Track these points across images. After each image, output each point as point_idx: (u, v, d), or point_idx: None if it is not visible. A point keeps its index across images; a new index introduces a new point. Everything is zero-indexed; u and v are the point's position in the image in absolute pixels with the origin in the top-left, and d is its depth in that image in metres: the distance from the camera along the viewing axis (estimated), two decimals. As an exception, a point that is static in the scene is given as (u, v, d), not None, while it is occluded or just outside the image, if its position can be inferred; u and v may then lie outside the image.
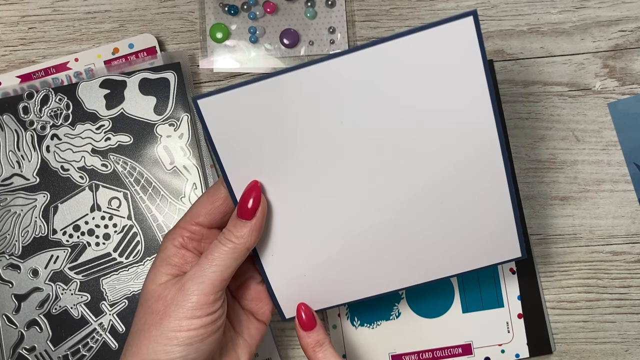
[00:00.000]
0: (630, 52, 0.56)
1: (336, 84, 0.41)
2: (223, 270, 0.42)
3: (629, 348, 0.56)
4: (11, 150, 0.55)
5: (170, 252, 0.44)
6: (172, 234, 0.45)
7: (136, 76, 0.55)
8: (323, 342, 0.46)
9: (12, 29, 0.58)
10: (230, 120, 0.42)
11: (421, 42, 0.40)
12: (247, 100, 0.42)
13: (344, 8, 0.57)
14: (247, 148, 0.43)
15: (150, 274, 0.44)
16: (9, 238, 0.54)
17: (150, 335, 0.41)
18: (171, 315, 0.41)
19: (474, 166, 0.44)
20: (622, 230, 0.56)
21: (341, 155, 0.43)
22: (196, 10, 0.58)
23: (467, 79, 0.41)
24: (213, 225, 0.45)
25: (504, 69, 0.57)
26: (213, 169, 0.56)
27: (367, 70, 0.41)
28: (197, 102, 0.42)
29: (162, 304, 0.42)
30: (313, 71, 0.41)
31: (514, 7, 0.57)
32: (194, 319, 0.41)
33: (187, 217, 0.45)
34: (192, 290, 0.41)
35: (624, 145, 0.56)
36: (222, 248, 0.42)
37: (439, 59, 0.40)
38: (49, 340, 0.54)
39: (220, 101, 0.42)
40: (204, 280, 0.41)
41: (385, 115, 0.42)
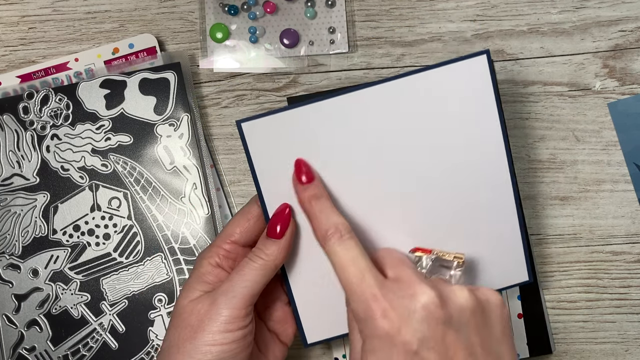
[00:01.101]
0: (630, 52, 0.56)
1: (365, 113, 0.45)
2: (253, 285, 0.43)
3: (629, 348, 0.56)
4: (11, 150, 0.55)
5: (205, 270, 0.45)
6: (208, 252, 0.46)
7: (136, 76, 0.55)
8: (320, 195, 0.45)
9: (12, 29, 0.58)
10: (269, 143, 0.45)
11: (440, 77, 0.45)
12: (286, 125, 0.45)
13: (344, 8, 0.57)
14: (283, 170, 0.45)
15: (183, 290, 0.45)
16: (9, 238, 0.54)
17: (184, 350, 0.42)
18: (205, 329, 0.42)
19: (486, 197, 0.47)
20: (622, 230, 0.56)
21: (368, 182, 0.46)
22: (196, 10, 0.58)
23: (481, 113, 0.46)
24: (247, 243, 0.47)
25: (504, 69, 0.57)
26: (213, 168, 0.56)
27: (392, 101, 0.45)
28: (240, 125, 0.45)
29: (195, 318, 0.43)
30: (344, 100, 0.45)
31: (514, 7, 0.57)
32: (227, 333, 0.42)
33: (222, 236, 0.46)
34: (224, 304, 0.42)
35: (624, 145, 0.56)
36: (252, 264, 0.44)
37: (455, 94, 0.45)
38: (49, 340, 0.54)
39: (262, 125, 0.45)
40: (236, 294, 0.43)
41: (407, 145, 0.46)
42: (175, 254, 0.54)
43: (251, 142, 0.45)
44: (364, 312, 0.40)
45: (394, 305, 0.39)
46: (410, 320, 0.39)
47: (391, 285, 0.41)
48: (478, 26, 0.57)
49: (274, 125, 0.45)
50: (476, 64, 0.45)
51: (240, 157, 0.57)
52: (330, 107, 0.45)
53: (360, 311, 0.40)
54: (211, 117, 0.57)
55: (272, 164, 0.45)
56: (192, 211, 0.54)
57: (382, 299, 0.40)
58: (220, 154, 0.57)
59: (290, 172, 0.45)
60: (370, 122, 0.45)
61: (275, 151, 0.45)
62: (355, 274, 0.41)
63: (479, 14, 0.57)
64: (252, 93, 0.57)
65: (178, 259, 0.54)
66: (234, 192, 0.57)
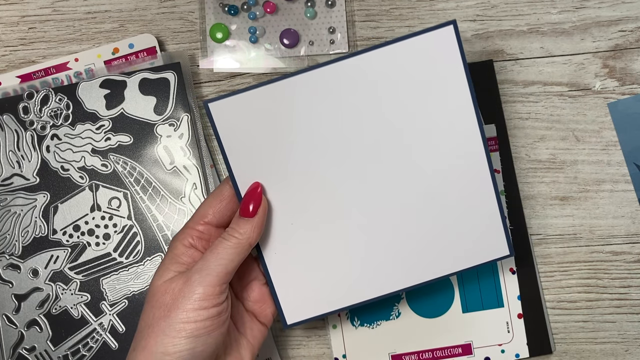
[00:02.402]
0: (630, 52, 0.56)
1: (335, 89, 0.45)
2: (227, 263, 0.43)
3: (629, 348, 0.56)
4: (11, 150, 0.55)
5: (179, 251, 0.45)
6: (181, 234, 0.46)
7: (136, 76, 0.55)
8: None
9: (12, 29, 0.58)
10: (238, 122, 0.45)
11: (409, 49, 0.44)
12: (253, 104, 0.45)
13: (344, 8, 0.57)
14: (253, 149, 0.45)
15: (158, 271, 0.45)
16: (9, 238, 0.54)
17: (158, 328, 0.42)
18: (179, 307, 0.42)
19: (460, 166, 0.47)
20: (622, 230, 0.56)
21: (340, 158, 0.46)
22: (196, 10, 0.58)
23: (451, 82, 0.45)
24: (220, 224, 0.47)
25: (504, 69, 0.57)
26: (213, 168, 0.56)
27: (362, 75, 0.45)
28: (207, 105, 0.45)
29: (169, 296, 0.43)
30: (312, 76, 0.44)
31: (514, 7, 0.57)
32: (201, 310, 0.42)
33: (195, 217, 0.47)
34: (198, 281, 0.43)
35: (624, 145, 0.56)
36: (226, 243, 0.44)
37: (425, 65, 0.45)
38: (49, 340, 0.54)
39: (230, 104, 0.45)
40: (210, 272, 0.43)
41: (379, 119, 0.45)
42: (175, 254, 0.54)
43: (219, 122, 0.45)
44: None
45: None
46: None
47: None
48: (478, 26, 0.57)
49: (242, 104, 0.45)
50: (444, 35, 0.44)
51: (240, 157, 0.57)
52: (301, 83, 0.44)
53: None
54: (211, 117, 0.57)
55: (242, 143, 0.45)
56: (192, 211, 0.54)
57: None
58: (220, 154, 0.57)
59: (261, 151, 0.45)
60: (340, 98, 0.45)
61: (244, 130, 0.45)
62: None
63: (479, 14, 0.57)
64: (252, 93, 0.57)
65: (178, 259, 0.54)
66: (234, 192, 0.57)
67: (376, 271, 0.48)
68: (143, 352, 0.42)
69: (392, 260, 0.48)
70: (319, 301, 0.48)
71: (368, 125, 0.45)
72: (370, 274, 0.48)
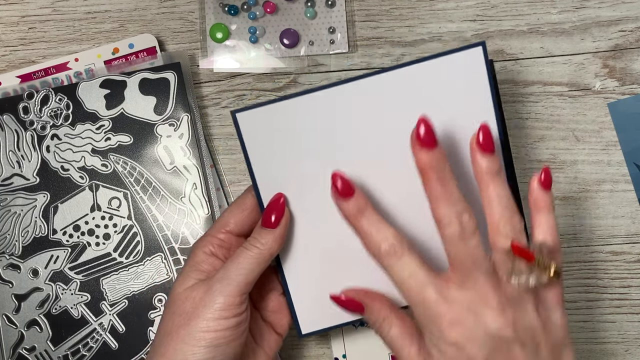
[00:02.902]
0: (630, 52, 0.56)
1: (361, 104, 0.45)
2: (248, 273, 0.43)
3: (629, 348, 0.56)
4: (11, 150, 0.55)
5: (200, 259, 0.45)
6: (202, 242, 0.46)
7: (136, 76, 0.55)
8: (364, 208, 0.43)
9: (12, 29, 0.58)
10: (263, 133, 0.45)
11: (436, 68, 0.45)
12: (279, 116, 0.45)
13: (344, 8, 0.57)
14: (277, 161, 0.46)
15: (179, 279, 0.45)
16: (9, 238, 0.54)
17: (178, 336, 0.42)
18: (199, 316, 0.42)
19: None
20: (622, 230, 0.56)
21: (362, 175, 0.46)
22: (196, 10, 0.58)
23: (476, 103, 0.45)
24: (242, 233, 0.47)
25: (504, 69, 0.57)
26: (213, 168, 0.56)
27: (388, 92, 0.45)
28: (235, 115, 0.45)
29: (189, 305, 0.43)
30: (339, 91, 0.45)
31: (514, 7, 0.57)
32: (221, 320, 0.42)
33: (216, 226, 0.47)
34: (219, 291, 0.43)
35: (624, 145, 0.56)
36: (248, 253, 0.44)
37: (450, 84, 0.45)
38: (49, 340, 0.54)
39: (256, 115, 0.45)
40: (231, 282, 0.43)
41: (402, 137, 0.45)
42: (176, 254, 0.54)
43: (246, 133, 0.45)
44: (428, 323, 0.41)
45: (461, 318, 0.40)
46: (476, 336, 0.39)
47: (456, 295, 0.40)
48: (478, 26, 0.57)
49: (268, 116, 0.45)
50: (472, 56, 0.45)
51: (240, 157, 0.57)
52: (327, 98, 0.45)
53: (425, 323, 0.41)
54: (211, 117, 0.57)
55: (267, 154, 0.45)
56: (192, 211, 0.54)
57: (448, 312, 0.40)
58: (220, 154, 0.57)
59: (285, 163, 0.45)
60: (364, 114, 0.45)
61: (270, 142, 0.45)
62: (416, 289, 0.41)
63: (479, 14, 0.57)
64: (252, 93, 0.57)
65: (178, 259, 0.54)
66: (234, 192, 0.57)
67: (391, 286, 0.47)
68: (162, 359, 0.42)
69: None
70: (334, 312, 0.48)
71: (390, 144, 0.45)
72: (385, 287, 0.47)
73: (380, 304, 0.45)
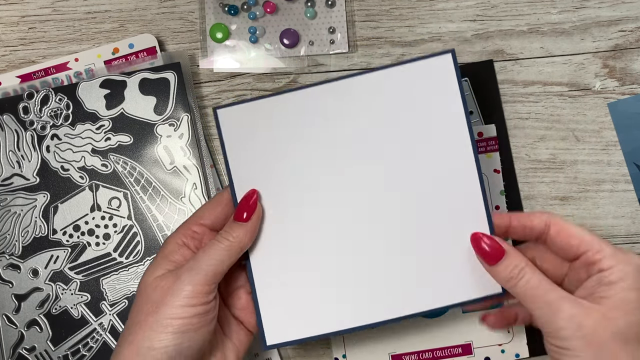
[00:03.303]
0: (630, 52, 0.56)
1: (336, 105, 0.46)
2: (217, 264, 0.44)
3: (629, 348, 0.56)
4: (11, 150, 0.55)
5: (172, 249, 0.46)
6: (176, 233, 0.47)
7: (136, 76, 0.55)
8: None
9: (12, 29, 0.58)
10: (243, 130, 0.47)
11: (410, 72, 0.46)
12: (259, 113, 0.46)
13: (344, 8, 0.57)
14: (254, 158, 0.47)
15: (149, 268, 0.45)
16: (9, 238, 0.54)
17: (146, 323, 0.43)
18: (167, 304, 0.43)
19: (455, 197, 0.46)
20: (622, 230, 0.56)
21: (335, 176, 0.46)
22: (196, 10, 0.58)
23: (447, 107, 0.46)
24: (215, 227, 0.47)
25: (504, 69, 0.57)
26: (213, 168, 0.56)
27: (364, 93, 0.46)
28: (216, 111, 0.47)
29: (158, 293, 0.43)
30: (316, 91, 0.46)
31: (514, 7, 0.57)
32: (189, 307, 0.43)
33: (191, 218, 0.47)
34: (188, 280, 0.43)
35: (624, 145, 0.56)
36: (219, 245, 0.44)
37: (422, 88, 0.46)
38: (49, 340, 0.54)
39: (237, 112, 0.47)
40: (199, 271, 0.43)
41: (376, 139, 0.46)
42: (175, 254, 0.54)
43: (225, 128, 0.46)
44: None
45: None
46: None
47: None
48: (478, 26, 0.57)
49: (247, 113, 0.46)
50: (441, 62, 0.46)
51: (240, 157, 0.57)
52: (305, 97, 0.46)
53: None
54: (211, 117, 0.57)
55: (244, 150, 0.46)
56: (192, 211, 0.54)
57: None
58: (220, 154, 0.57)
59: (261, 160, 0.46)
60: (342, 114, 0.46)
61: (247, 138, 0.46)
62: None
63: (479, 14, 0.57)
64: (252, 93, 0.57)
65: (178, 259, 0.54)
66: (234, 192, 0.57)
67: (366, 298, 0.46)
68: (130, 346, 0.42)
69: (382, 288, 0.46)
70: (302, 325, 0.46)
71: (364, 146, 0.46)
72: (359, 300, 0.46)
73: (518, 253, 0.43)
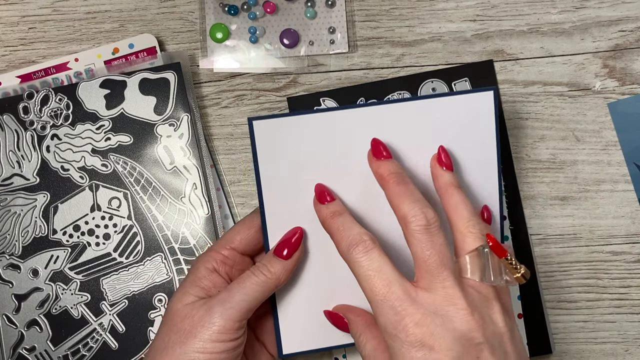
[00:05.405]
0: (630, 52, 0.56)
1: (372, 130, 0.45)
2: (251, 300, 0.43)
3: (629, 348, 0.56)
4: (11, 150, 0.55)
5: (201, 274, 0.45)
6: (206, 257, 0.46)
7: (136, 76, 0.55)
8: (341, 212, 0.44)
9: (12, 29, 0.58)
10: (277, 148, 0.44)
11: (449, 104, 0.46)
12: (294, 131, 0.44)
13: (344, 8, 0.57)
14: (286, 177, 0.45)
15: (178, 293, 0.44)
16: (9, 238, 0.54)
17: (173, 353, 0.42)
18: (196, 336, 0.42)
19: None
20: (622, 230, 0.56)
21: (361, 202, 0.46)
22: (196, 10, 0.58)
23: (481, 141, 0.47)
24: (246, 251, 0.46)
25: (504, 69, 0.57)
26: (213, 168, 0.56)
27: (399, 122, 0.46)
28: (252, 123, 0.44)
29: (188, 323, 0.42)
30: (355, 114, 0.45)
31: (514, 7, 0.57)
32: (218, 343, 0.42)
33: (221, 242, 0.46)
34: (219, 313, 0.42)
35: (624, 145, 0.56)
36: (255, 279, 0.43)
37: (460, 120, 0.46)
38: (49, 340, 0.54)
39: (274, 126, 0.44)
40: (233, 306, 0.42)
41: (407, 165, 0.46)
42: (175, 254, 0.54)
43: (260, 144, 0.44)
44: (393, 325, 0.39)
45: (427, 320, 0.38)
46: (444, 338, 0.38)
47: (423, 296, 0.39)
48: (478, 26, 0.57)
49: (287, 129, 0.44)
50: (482, 99, 0.46)
51: (240, 157, 0.57)
52: (342, 120, 0.45)
53: (390, 324, 0.39)
54: (211, 117, 0.57)
55: (277, 169, 0.45)
56: (192, 211, 0.54)
57: (414, 312, 0.38)
58: (220, 154, 0.57)
59: (293, 179, 0.45)
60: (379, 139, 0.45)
61: (281, 155, 0.45)
62: (382, 285, 0.39)
63: (479, 14, 0.57)
64: (252, 93, 0.57)
65: (178, 259, 0.54)
66: (234, 192, 0.57)
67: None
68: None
69: None
70: (318, 335, 0.48)
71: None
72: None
73: (360, 320, 0.45)
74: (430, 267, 0.40)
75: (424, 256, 0.40)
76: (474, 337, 0.38)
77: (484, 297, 0.40)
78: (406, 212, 0.41)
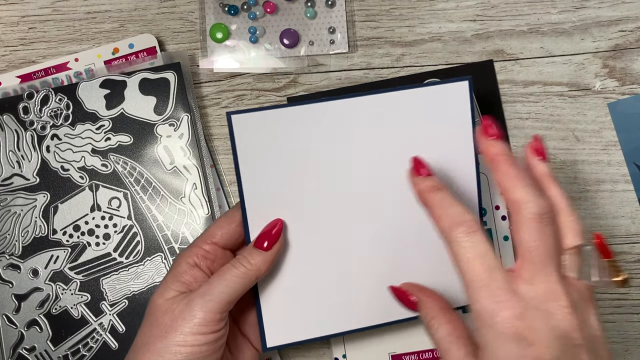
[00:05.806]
0: (630, 52, 0.56)
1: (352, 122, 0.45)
2: (231, 292, 0.43)
3: (629, 348, 0.56)
4: (11, 150, 0.55)
5: (182, 269, 0.45)
6: (187, 252, 0.46)
7: (136, 76, 0.55)
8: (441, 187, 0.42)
9: (12, 29, 0.58)
10: (258, 141, 0.44)
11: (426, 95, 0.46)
12: (274, 124, 0.44)
13: (344, 8, 0.57)
14: (266, 171, 0.45)
15: (159, 289, 0.44)
16: (9, 238, 0.54)
17: (154, 348, 0.42)
18: (177, 330, 0.42)
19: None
20: (622, 230, 0.56)
21: (347, 193, 0.46)
22: (196, 10, 0.58)
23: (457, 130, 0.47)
24: (227, 246, 0.46)
25: (504, 69, 0.57)
26: (213, 168, 0.56)
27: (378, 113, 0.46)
28: (230, 117, 0.44)
29: (169, 317, 0.42)
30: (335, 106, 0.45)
31: (514, 7, 0.57)
32: (199, 335, 0.42)
33: (203, 236, 0.46)
34: (200, 306, 0.42)
35: (624, 145, 0.56)
36: (235, 271, 0.43)
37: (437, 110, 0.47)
38: (49, 340, 0.54)
39: (253, 120, 0.44)
40: (213, 298, 0.42)
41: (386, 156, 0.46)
42: (175, 254, 0.54)
43: (239, 139, 0.44)
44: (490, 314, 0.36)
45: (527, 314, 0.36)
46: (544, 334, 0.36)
47: (525, 288, 0.37)
48: (478, 26, 0.57)
49: (264, 123, 0.44)
50: (457, 88, 0.47)
51: (240, 157, 0.57)
52: (322, 111, 0.45)
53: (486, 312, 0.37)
54: (211, 117, 0.57)
55: (257, 163, 0.45)
56: (192, 211, 0.54)
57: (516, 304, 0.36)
58: (220, 154, 0.57)
59: (272, 172, 0.45)
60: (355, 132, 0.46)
61: (262, 151, 0.45)
62: (483, 270, 0.37)
63: (479, 14, 0.57)
64: (252, 93, 0.57)
65: (178, 259, 0.54)
66: (234, 192, 0.57)
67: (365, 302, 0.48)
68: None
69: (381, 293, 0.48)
70: (301, 327, 0.48)
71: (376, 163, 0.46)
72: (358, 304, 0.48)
73: (432, 302, 0.43)
74: (535, 258, 0.38)
75: (530, 246, 0.38)
76: (574, 338, 0.37)
77: (583, 297, 0.39)
78: (520, 197, 0.39)
